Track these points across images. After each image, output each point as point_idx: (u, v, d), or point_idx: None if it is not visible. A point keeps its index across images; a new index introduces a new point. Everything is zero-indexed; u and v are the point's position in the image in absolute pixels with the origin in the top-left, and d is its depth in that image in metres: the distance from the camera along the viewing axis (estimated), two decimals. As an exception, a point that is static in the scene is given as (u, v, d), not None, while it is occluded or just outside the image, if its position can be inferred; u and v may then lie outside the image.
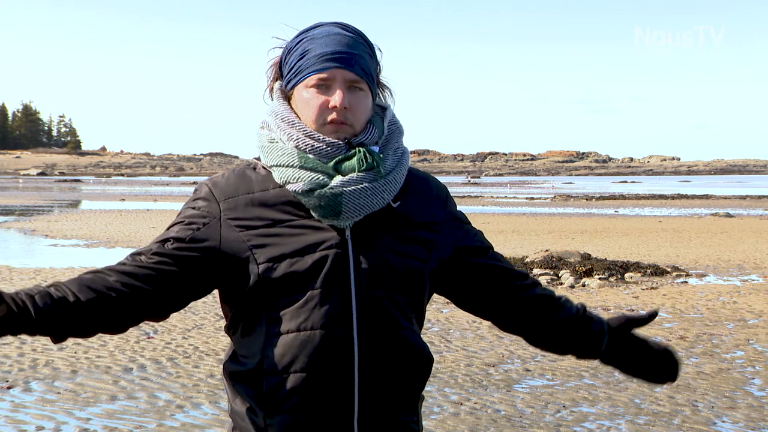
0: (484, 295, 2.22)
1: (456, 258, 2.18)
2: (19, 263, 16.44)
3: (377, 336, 2.04)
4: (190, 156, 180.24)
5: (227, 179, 2.12)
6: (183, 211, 2.13)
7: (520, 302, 2.23)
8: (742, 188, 77.46)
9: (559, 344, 2.27)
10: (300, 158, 2.06)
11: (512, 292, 2.23)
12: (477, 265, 2.20)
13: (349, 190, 2.02)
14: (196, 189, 2.15)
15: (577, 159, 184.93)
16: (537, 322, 2.24)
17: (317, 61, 2.07)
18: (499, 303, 2.22)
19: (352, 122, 2.08)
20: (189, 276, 2.06)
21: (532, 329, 2.25)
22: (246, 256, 2.03)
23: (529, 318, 2.24)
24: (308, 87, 2.08)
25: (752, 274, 15.56)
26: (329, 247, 2.03)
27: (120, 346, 8.90)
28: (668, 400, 7.21)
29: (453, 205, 2.24)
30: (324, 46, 2.08)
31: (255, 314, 2.06)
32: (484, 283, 2.21)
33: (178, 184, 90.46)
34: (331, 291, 2.02)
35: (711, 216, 34.21)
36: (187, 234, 2.06)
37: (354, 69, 2.08)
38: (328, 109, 2.06)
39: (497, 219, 31.40)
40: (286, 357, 2.01)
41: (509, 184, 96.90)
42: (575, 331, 2.25)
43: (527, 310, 2.23)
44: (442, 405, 7.00)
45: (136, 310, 2.04)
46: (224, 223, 2.06)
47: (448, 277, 2.19)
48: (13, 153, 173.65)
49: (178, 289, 2.06)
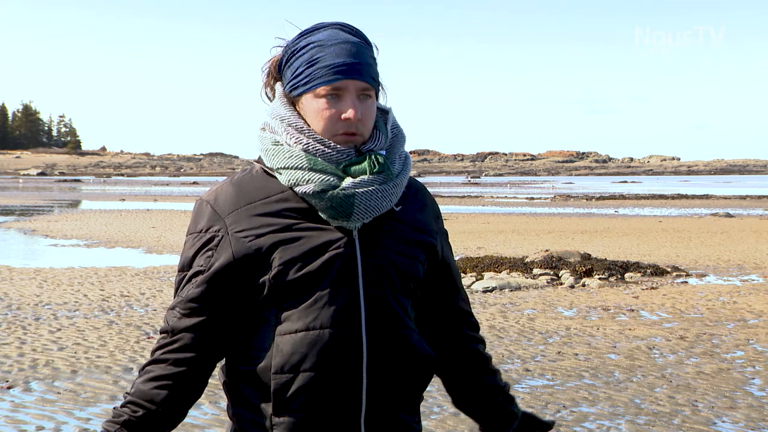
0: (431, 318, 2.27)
1: (435, 274, 2.24)
2: (19, 263, 16.44)
3: (384, 335, 2.06)
4: (190, 156, 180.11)
5: (226, 193, 2.10)
6: (191, 243, 2.11)
7: (461, 347, 2.28)
8: (742, 188, 77.42)
9: (475, 405, 2.31)
10: (309, 160, 2.06)
11: (457, 334, 2.28)
12: (444, 295, 2.27)
13: (361, 192, 2.04)
14: (196, 209, 2.13)
15: (577, 159, 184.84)
16: (467, 374, 2.29)
17: (328, 72, 2.06)
18: (441, 336, 2.27)
19: (363, 132, 2.09)
20: (229, 299, 2.08)
21: (460, 377, 2.29)
22: (258, 264, 2.04)
23: (462, 365, 2.28)
24: (318, 97, 2.07)
25: (752, 274, 15.56)
26: (338, 248, 2.04)
27: (120, 346, 8.90)
28: (668, 400, 7.21)
29: (443, 223, 2.30)
30: (335, 56, 2.07)
31: (262, 315, 2.06)
32: (437, 313, 2.27)
33: (178, 184, 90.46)
34: (339, 291, 2.03)
35: (711, 216, 34.20)
36: (207, 263, 2.07)
37: (365, 78, 2.08)
38: (340, 121, 2.07)
39: (497, 219, 31.41)
40: (294, 356, 2.01)
41: (509, 184, 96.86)
42: (495, 400, 2.30)
43: (463, 357, 2.28)
44: (442, 405, 7.00)
45: (208, 366, 2.13)
46: (232, 237, 2.05)
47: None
48: (13, 153, 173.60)
49: (227, 317, 2.09)
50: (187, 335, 2.07)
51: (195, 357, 2.07)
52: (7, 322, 10.16)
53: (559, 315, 11.20)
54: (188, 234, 2.12)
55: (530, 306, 11.86)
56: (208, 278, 2.05)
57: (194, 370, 2.08)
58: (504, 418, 2.30)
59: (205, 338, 2.07)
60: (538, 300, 12.40)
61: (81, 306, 11.37)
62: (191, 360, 2.07)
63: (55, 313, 10.84)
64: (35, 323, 10.11)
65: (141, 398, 2.06)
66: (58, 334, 9.48)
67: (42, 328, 9.79)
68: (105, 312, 10.94)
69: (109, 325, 10.07)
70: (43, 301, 11.70)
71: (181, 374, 2.06)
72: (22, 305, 11.33)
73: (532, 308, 11.68)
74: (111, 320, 10.37)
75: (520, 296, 12.74)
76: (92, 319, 10.46)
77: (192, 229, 2.11)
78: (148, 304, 11.54)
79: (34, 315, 10.65)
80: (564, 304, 12.05)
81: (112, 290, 12.81)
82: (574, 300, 12.44)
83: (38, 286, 13.21)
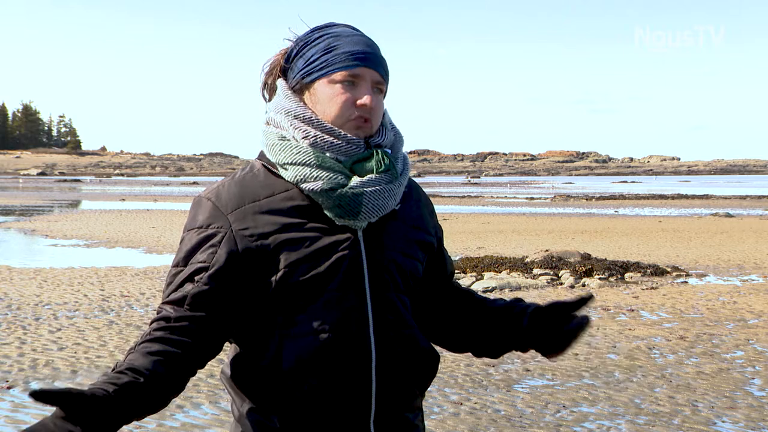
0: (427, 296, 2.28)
1: (432, 273, 2.25)
2: (19, 263, 16.44)
3: (391, 335, 2.06)
4: (190, 156, 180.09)
5: (229, 190, 2.06)
6: (189, 237, 2.05)
7: (455, 300, 2.29)
8: (742, 188, 77.42)
9: (491, 332, 2.24)
10: (316, 157, 2.04)
11: (451, 295, 2.30)
12: (440, 290, 2.29)
13: (369, 191, 2.03)
14: (195, 205, 2.08)
15: (577, 159, 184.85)
16: (470, 312, 2.26)
17: (347, 58, 2.06)
18: (438, 305, 2.28)
19: (374, 122, 2.09)
20: (231, 297, 2.02)
21: (466, 322, 2.25)
22: (264, 264, 2.01)
23: (463, 310, 2.26)
24: (334, 82, 2.07)
25: (752, 274, 15.55)
26: (344, 249, 2.03)
27: (120, 346, 8.89)
28: (668, 400, 7.21)
29: (437, 219, 2.31)
30: (353, 44, 2.08)
31: (269, 318, 2.04)
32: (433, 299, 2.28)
33: (178, 184, 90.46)
34: (347, 292, 2.03)
35: (711, 216, 34.19)
36: (211, 259, 2.01)
37: (380, 70, 2.10)
38: (354, 106, 2.06)
39: (497, 219, 31.40)
40: (303, 358, 2.00)
41: (509, 184, 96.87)
42: (504, 312, 2.23)
43: (461, 303, 2.28)
44: (442, 405, 7.00)
45: (195, 363, 2.02)
46: (237, 234, 2.01)
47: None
48: (13, 153, 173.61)
49: (229, 315, 2.04)
50: (186, 325, 1.98)
51: (192, 344, 1.98)
52: (7, 322, 10.16)
53: (559, 315, 11.19)
54: (187, 230, 2.06)
55: (530, 306, 11.86)
56: (211, 275, 2.00)
57: (188, 356, 1.98)
58: (519, 311, 2.22)
59: (203, 332, 1.99)
60: (538, 300, 12.35)
61: (81, 306, 11.37)
62: (188, 345, 1.98)
63: (55, 313, 10.84)
64: (35, 323, 10.11)
65: (142, 367, 1.91)
66: (58, 334, 9.48)
67: (42, 328, 9.79)
68: (105, 312, 10.94)
69: (109, 325, 10.07)
70: (43, 301, 11.70)
71: (177, 355, 1.96)
72: (22, 305, 11.33)
73: (532, 308, 11.67)
74: (111, 320, 10.36)
75: (520, 296, 12.74)
76: (92, 319, 10.46)
77: (191, 225, 2.06)
78: (148, 304, 11.54)
79: (34, 315, 10.65)
80: (564, 304, 12.03)
81: (112, 290, 12.81)
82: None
83: (38, 286, 13.20)
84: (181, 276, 2.02)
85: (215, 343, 2.03)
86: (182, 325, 1.99)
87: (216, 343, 2.03)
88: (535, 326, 2.18)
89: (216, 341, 2.03)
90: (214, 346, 2.03)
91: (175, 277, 2.03)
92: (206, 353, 2.03)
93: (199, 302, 2.00)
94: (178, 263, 2.04)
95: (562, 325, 2.16)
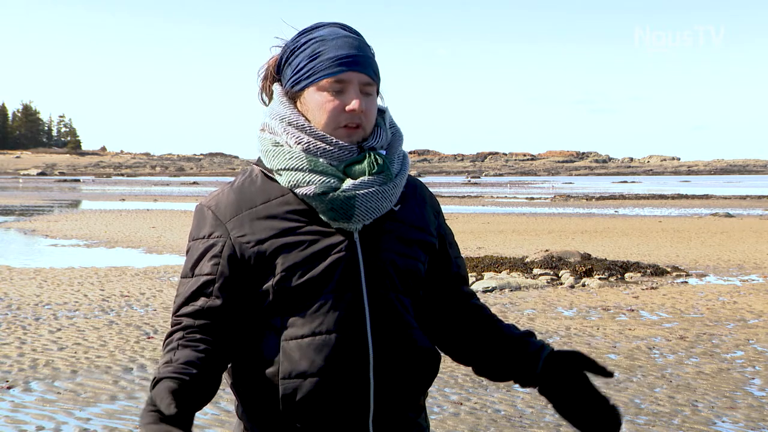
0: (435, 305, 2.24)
1: (436, 273, 2.22)
2: (19, 263, 16.44)
3: (389, 336, 2.06)
4: (190, 156, 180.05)
5: (227, 198, 2.10)
6: (195, 248, 2.09)
7: (466, 311, 2.23)
8: (742, 188, 77.41)
9: (496, 352, 2.19)
10: (309, 161, 2.05)
11: (458, 294, 2.25)
12: (446, 291, 2.24)
13: (361, 193, 2.03)
14: (198, 215, 2.12)
15: (577, 159, 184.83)
16: (479, 331, 2.20)
17: (331, 64, 2.06)
18: (445, 310, 2.23)
19: (365, 126, 2.08)
20: (237, 305, 2.07)
21: (474, 339, 2.21)
22: (262, 269, 2.03)
23: (472, 326, 2.21)
24: (321, 90, 2.07)
25: (752, 274, 15.56)
26: (340, 251, 2.04)
27: (120, 346, 8.90)
28: (668, 400, 7.21)
29: (443, 218, 2.28)
30: (337, 48, 2.07)
31: (268, 321, 2.06)
32: (440, 302, 2.23)
33: (178, 184, 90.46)
34: (344, 294, 2.03)
35: (711, 216, 34.20)
36: (215, 271, 2.06)
37: (368, 71, 2.09)
38: (344, 113, 2.06)
39: (497, 219, 31.41)
40: (302, 361, 2.01)
41: (509, 184, 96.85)
42: (515, 345, 2.18)
43: (472, 318, 2.22)
44: (442, 405, 7.00)
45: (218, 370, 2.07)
46: (235, 242, 2.05)
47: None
48: (13, 153, 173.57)
49: (234, 322, 2.07)
50: (202, 333, 2.04)
51: (214, 351, 2.04)
52: (7, 322, 10.16)
53: (559, 315, 11.21)
54: (192, 240, 2.11)
55: (530, 306, 11.87)
56: (219, 287, 2.05)
57: (216, 360, 2.03)
58: (528, 359, 2.15)
59: (221, 339, 2.06)
60: (538, 300, 12.40)
61: (81, 306, 11.37)
62: (212, 352, 2.03)
63: (55, 313, 10.84)
64: (35, 323, 10.11)
65: (179, 371, 1.94)
66: (58, 334, 9.48)
67: (42, 328, 9.79)
68: (105, 312, 10.94)
69: (109, 325, 10.07)
70: (43, 301, 11.70)
71: (210, 359, 2.02)
72: (22, 305, 11.33)
73: (532, 308, 11.68)
74: (111, 320, 10.37)
75: (520, 296, 12.74)
76: (92, 319, 10.46)
77: (196, 235, 2.11)
78: (148, 304, 11.54)
79: (34, 315, 10.65)
80: (564, 304, 12.05)
81: (112, 290, 12.81)
82: (574, 300, 12.44)
83: (38, 286, 13.20)
84: (192, 288, 2.07)
85: (227, 350, 2.08)
86: (202, 336, 2.04)
87: (228, 350, 2.09)
88: (549, 377, 2.16)
89: (227, 348, 2.08)
90: (226, 352, 2.09)
91: (185, 288, 2.09)
92: (226, 358, 2.09)
93: (214, 314, 2.05)
94: (187, 274, 2.10)
95: (580, 389, 2.18)
